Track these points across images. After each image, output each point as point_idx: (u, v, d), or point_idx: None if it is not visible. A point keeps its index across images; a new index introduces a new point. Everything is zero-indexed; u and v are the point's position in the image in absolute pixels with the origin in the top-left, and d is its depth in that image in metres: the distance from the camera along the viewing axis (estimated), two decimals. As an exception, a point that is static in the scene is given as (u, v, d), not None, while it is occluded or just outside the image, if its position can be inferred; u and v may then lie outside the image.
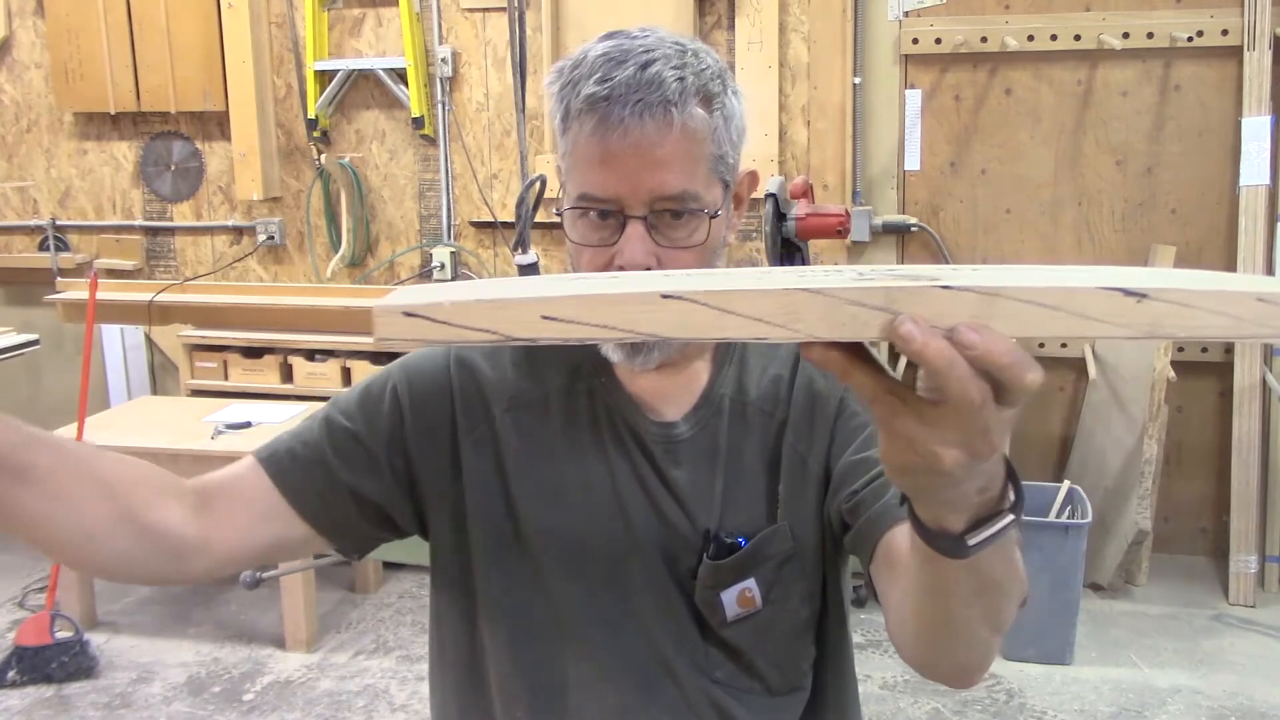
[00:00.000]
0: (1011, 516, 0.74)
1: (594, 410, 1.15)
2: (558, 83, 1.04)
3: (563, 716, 1.15)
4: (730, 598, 1.12)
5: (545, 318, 0.60)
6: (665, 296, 0.59)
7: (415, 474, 1.14)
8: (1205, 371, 3.76)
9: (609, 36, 1.04)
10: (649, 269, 1.03)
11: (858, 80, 3.83)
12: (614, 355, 1.10)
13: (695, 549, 1.13)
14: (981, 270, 0.66)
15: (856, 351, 0.64)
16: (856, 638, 3.22)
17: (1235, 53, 3.58)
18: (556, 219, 1.13)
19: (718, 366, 1.16)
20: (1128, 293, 0.59)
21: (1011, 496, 0.74)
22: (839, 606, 1.20)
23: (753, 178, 1.14)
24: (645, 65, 0.99)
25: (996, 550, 0.75)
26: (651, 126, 0.99)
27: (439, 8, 4.16)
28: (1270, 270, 3.57)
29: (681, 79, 1.01)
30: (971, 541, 0.73)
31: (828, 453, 1.14)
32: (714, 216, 1.05)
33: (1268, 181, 3.56)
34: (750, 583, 1.12)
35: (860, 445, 1.12)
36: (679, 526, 1.13)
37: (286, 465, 1.11)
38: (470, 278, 4.23)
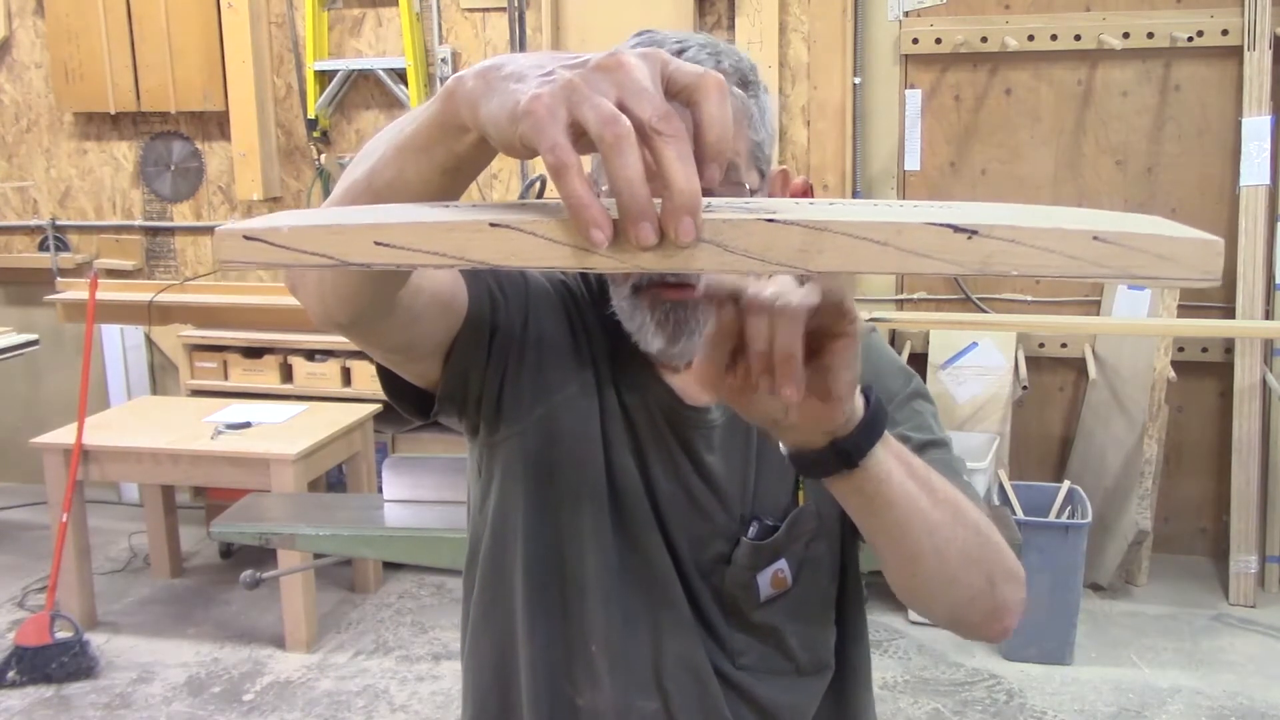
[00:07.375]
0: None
1: (631, 394, 1.14)
2: None
3: (575, 701, 1.14)
4: (765, 579, 1.14)
5: (378, 243, 0.61)
6: (493, 225, 0.60)
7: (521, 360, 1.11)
8: (1205, 371, 3.76)
9: (638, 35, 1.05)
10: None
11: (858, 80, 3.83)
12: (654, 344, 1.08)
13: (727, 534, 1.14)
14: (818, 204, 0.66)
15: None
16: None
17: (1235, 53, 3.58)
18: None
19: None
20: (957, 229, 0.58)
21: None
22: (857, 586, 1.23)
23: (784, 177, 1.12)
24: (680, 52, 1.01)
25: (867, 470, 0.84)
26: None
27: (439, 8, 4.16)
28: (1270, 271, 3.57)
29: (718, 63, 1.02)
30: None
31: None
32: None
33: (1268, 181, 3.56)
34: (782, 563, 1.14)
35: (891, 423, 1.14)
36: (711, 513, 1.13)
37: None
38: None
